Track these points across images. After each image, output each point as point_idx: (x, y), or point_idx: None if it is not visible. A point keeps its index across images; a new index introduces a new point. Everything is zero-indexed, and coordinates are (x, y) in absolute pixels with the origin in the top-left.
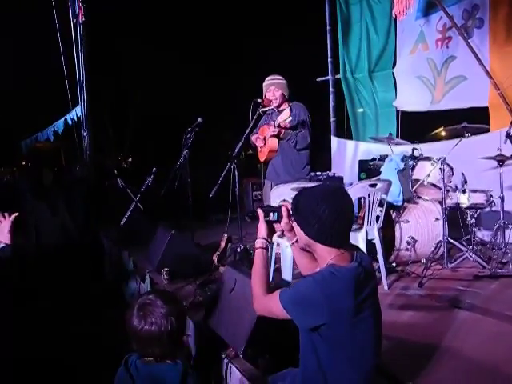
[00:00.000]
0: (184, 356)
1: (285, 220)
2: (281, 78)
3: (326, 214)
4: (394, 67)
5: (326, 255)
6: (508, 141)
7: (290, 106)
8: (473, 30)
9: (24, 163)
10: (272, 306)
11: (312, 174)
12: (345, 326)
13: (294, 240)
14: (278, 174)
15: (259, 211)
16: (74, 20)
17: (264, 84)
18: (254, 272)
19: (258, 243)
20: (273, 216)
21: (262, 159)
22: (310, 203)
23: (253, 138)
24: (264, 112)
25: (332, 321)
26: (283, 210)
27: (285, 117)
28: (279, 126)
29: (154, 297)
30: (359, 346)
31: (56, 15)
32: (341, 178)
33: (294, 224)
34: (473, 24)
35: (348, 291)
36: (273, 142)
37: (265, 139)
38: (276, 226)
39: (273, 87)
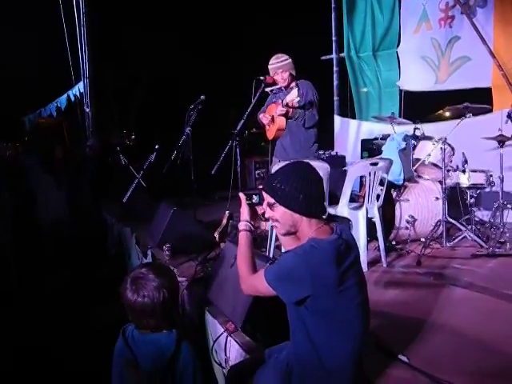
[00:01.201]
0: (179, 325)
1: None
2: (285, 57)
3: (309, 185)
4: (398, 46)
5: (308, 230)
6: (509, 121)
7: (297, 83)
8: (475, 9)
9: (27, 138)
10: (257, 284)
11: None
12: (329, 297)
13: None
14: (286, 151)
15: (241, 195)
16: None
17: (270, 67)
18: (239, 254)
19: (242, 226)
20: (255, 199)
21: (270, 137)
22: (291, 178)
23: (260, 116)
24: (271, 90)
25: (316, 292)
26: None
27: (293, 97)
28: (287, 105)
29: (145, 270)
30: (346, 315)
31: None
32: (343, 157)
33: (276, 207)
34: (475, 3)
35: (329, 262)
36: (281, 121)
37: (273, 118)
38: (258, 208)
39: (280, 70)
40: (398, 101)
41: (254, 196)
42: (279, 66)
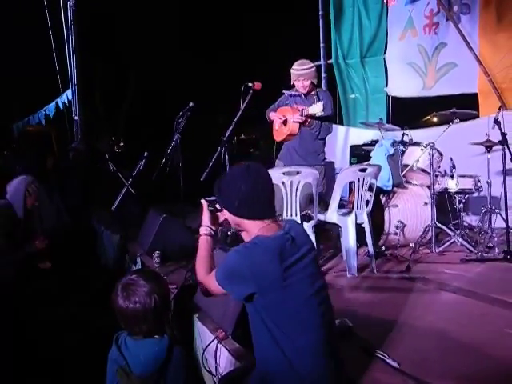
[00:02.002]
0: (170, 330)
1: None
2: (310, 65)
3: (243, 190)
4: (385, 53)
5: (253, 229)
6: (496, 127)
7: (317, 92)
8: (460, 16)
9: (15, 146)
10: (211, 284)
11: None
12: (275, 292)
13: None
14: (292, 157)
15: (203, 202)
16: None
17: (293, 72)
18: (198, 257)
19: (202, 230)
20: (218, 206)
21: (277, 139)
22: (228, 183)
23: (271, 114)
24: (290, 94)
25: (261, 288)
26: None
27: (317, 110)
28: (308, 115)
29: (136, 276)
30: (298, 308)
31: None
32: (332, 163)
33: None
34: (459, 10)
35: (271, 259)
36: (294, 127)
37: (285, 121)
38: (220, 214)
39: (302, 78)
40: (386, 107)
41: (215, 203)
42: (303, 73)
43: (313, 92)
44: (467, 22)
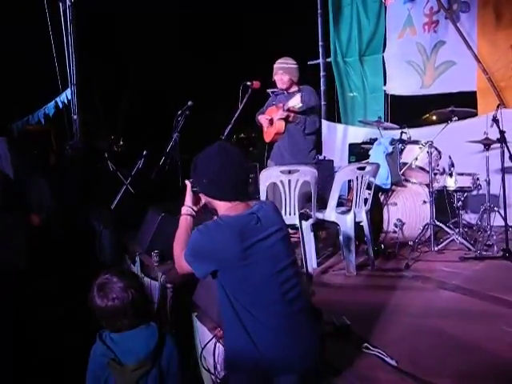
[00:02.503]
0: (159, 320)
1: None
2: (291, 62)
3: (211, 170)
4: (384, 51)
5: (221, 208)
6: (494, 125)
7: (299, 88)
8: (459, 14)
9: (15, 145)
10: (182, 262)
11: None
12: (235, 270)
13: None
14: (283, 155)
15: (187, 182)
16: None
17: (274, 66)
18: (176, 236)
19: (183, 210)
20: None
21: (267, 140)
22: (202, 162)
23: (259, 117)
24: (272, 92)
25: (221, 265)
26: None
27: (295, 102)
28: (289, 110)
29: (109, 275)
30: (259, 286)
31: None
32: (331, 161)
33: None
34: (458, 8)
35: (231, 238)
36: (280, 125)
37: (271, 120)
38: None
39: (280, 71)
40: (383, 106)
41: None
42: (282, 67)
43: (295, 89)
44: (466, 20)
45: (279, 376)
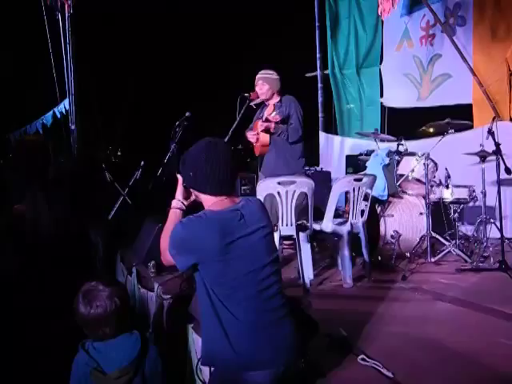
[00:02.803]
0: (143, 329)
1: None
2: (271, 72)
3: (200, 164)
4: (381, 64)
5: (207, 202)
6: (490, 137)
7: (280, 98)
8: (455, 28)
9: (12, 155)
10: (166, 255)
11: None
12: (214, 265)
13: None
14: (271, 167)
15: (179, 176)
16: (62, 13)
17: (256, 76)
18: (165, 228)
19: (173, 203)
20: None
21: (256, 153)
22: (190, 156)
23: (247, 134)
24: (257, 105)
25: (201, 259)
26: None
27: (270, 111)
28: (267, 119)
29: (95, 283)
30: (235, 282)
31: (44, 7)
32: (328, 173)
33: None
34: (455, 22)
35: (212, 233)
36: (264, 137)
37: (258, 134)
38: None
39: (260, 81)
40: (379, 118)
41: None
42: (261, 77)
43: (277, 99)
44: (462, 33)
45: (251, 371)
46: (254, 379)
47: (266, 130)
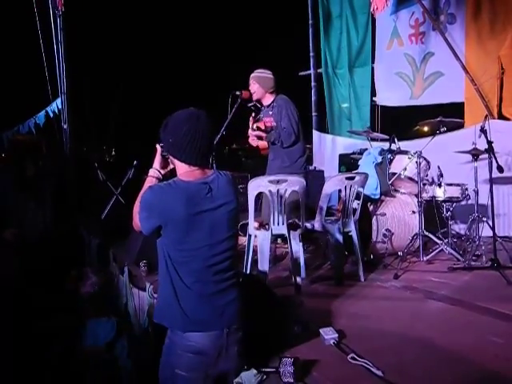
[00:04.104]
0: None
1: None
2: (262, 71)
3: (181, 132)
4: (373, 63)
5: (180, 170)
6: (482, 135)
7: (274, 99)
8: (446, 26)
9: (4, 155)
10: (136, 219)
11: None
12: (176, 231)
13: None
14: (272, 168)
15: (157, 146)
16: (54, 11)
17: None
18: (139, 195)
19: (151, 172)
20: None
21: (262, 152)
22: (172, 122)
23: (250, 141)
24: (254, 106)
25: (164, 222)
26: None
27: (261, 126)
28: (258, 128)
29: (87, 269)
30: (190, 253)
31: (35, 5)
32: (321, 172)
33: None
34: (445, 19)
35: (179, 201)
36: (262, 143)
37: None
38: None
39: (252, 80)
40: (372, 117)
41: None
42: (253, 75)
43: (270, 99)
44: (454, 31)
45: (195, 331)
46: (198, 340)
47: (259, 137)
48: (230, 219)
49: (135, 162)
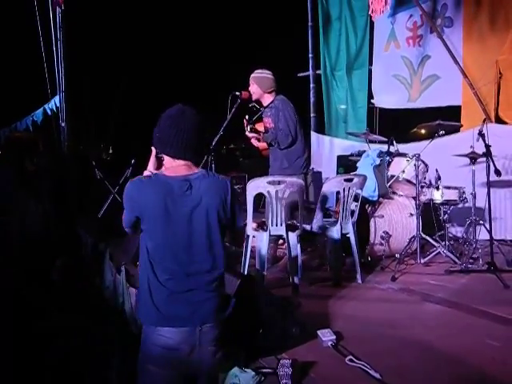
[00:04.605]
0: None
1: None
2: (261, 71)
3: (165, 125)
4: (371, 65)
5: (166, 164)
6: (480, 139)
7: (273, 100)
8: (443, 29)
9: (1, 152)
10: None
11: None
12: (151, 225)
13: None
14: (273, 168)
15: (153, 148)
16: (54, 8)
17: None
18: None
19: (145, 174)
20: None
21: (264, 154)
22: (161, 118)
23: (252, 141)
24: (256, 107)
25: (141, 215)
26: None
27: (261, 129)
28: (255, 130)
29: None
30: (164, 251)
31: (36, 2)
32: (319, 173)
33: None
34: (442, 23)
35: (156, 194)
36: (262, 143)
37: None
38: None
39: (251, 81)
40: (370, 118)
41: None
42: (253, 76)
43: (270, 100)
44: (451, 35)
45: (166, 326)
46: (170, 335)
47: (257, 139)
48: (209, 222)
49: (133, 161)
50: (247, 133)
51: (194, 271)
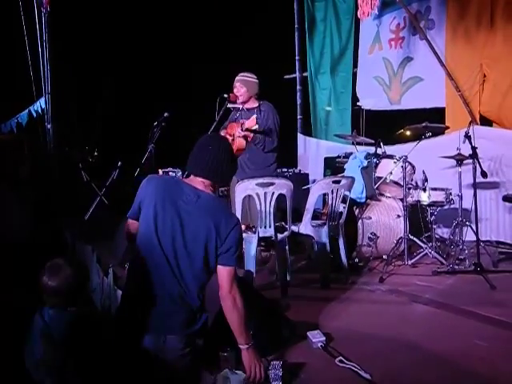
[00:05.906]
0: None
1: None
2: (249, 75)
3: (194, 146)
4: (356, 67)
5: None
6: (467, 141)
7: (259, 104)
8: (426, 31)
9: None
10: None
11: (278, 170)
12: (147, 207)
13: None
14: (244, 170)
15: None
16: (40, 9)
17: (235, 78)
18: None
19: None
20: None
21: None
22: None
23: (222, 134)
24: (233, 108)
25: (142, 200)
26: None
27: (252, 124)
28: (247, 129)
29: (62, 260)
30: (148, 248)
31: (21, 3)
32: (306, 175)
33: None
34: (425, 25)
35: (163, 190)
36: (240, 142)
37: (233, 136)
38: None
39: (238, 83)
40: (350, 121)
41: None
42: (240, 79)
43: (255, 104)
44: (434, 37)
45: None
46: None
47: (245, 137)
48: (196, 237)
49: (119, 163)
50: (239, 131)
51: (175, 286)
